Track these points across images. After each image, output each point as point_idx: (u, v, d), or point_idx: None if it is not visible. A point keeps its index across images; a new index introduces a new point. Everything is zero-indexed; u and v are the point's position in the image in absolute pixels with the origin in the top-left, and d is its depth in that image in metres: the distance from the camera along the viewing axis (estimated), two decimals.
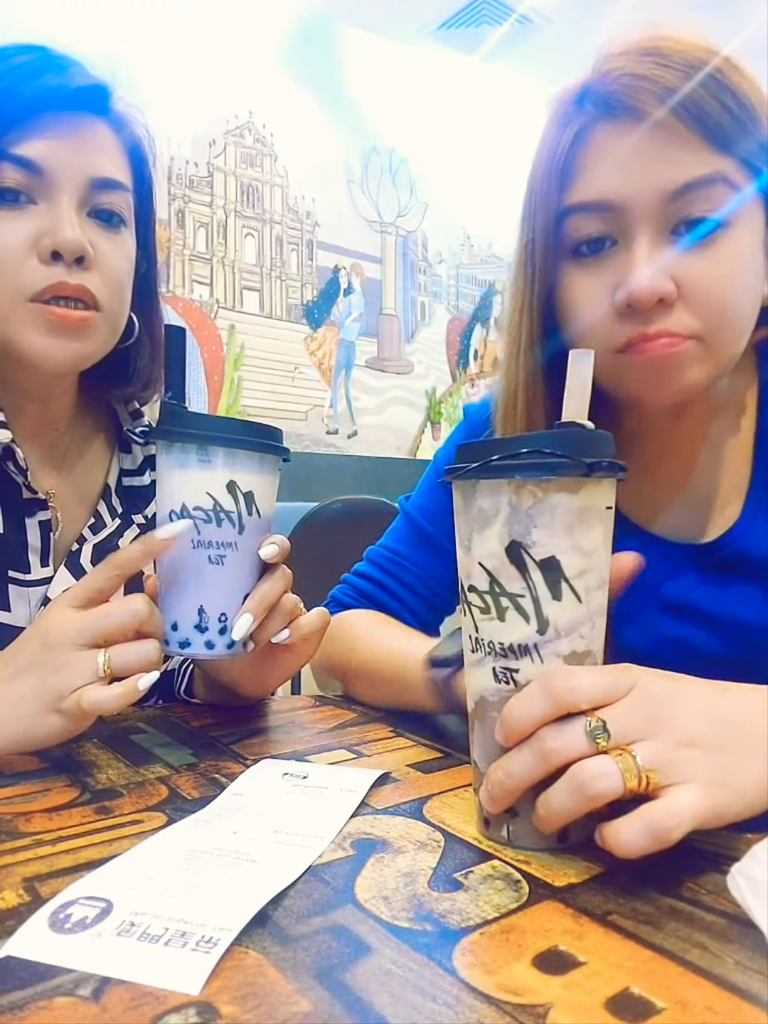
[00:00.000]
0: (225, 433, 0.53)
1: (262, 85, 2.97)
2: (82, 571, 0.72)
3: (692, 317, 0.53)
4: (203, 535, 0.53)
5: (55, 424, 0.74)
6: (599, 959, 0.29)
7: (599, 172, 0.55)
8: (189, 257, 2.78)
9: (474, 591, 0.41)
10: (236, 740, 0.60)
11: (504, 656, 0.40)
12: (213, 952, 0.29)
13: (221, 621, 0.54)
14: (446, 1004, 0.27)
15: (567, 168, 0.56)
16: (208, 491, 0.53)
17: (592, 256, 0.56)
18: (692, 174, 0.52)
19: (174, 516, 0.53)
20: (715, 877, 0.36)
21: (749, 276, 0.55)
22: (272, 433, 0.56)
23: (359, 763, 0.54)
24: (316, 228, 3.15)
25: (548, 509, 0.38)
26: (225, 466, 0.53)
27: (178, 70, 2.71)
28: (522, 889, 0.35)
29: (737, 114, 0.52)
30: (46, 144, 0.62)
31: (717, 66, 0.52)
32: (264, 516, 0.55)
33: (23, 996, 0.27)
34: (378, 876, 0.36)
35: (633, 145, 0.53)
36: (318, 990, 0.27)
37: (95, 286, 0.64)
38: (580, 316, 0.58)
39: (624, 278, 0.53)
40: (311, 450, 3.07)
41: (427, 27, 3.19)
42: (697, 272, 0.53)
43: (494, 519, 0.39)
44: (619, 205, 0.54)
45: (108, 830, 0.42)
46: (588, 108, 0.55)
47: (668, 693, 0.38)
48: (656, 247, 0.53)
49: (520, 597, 0.39)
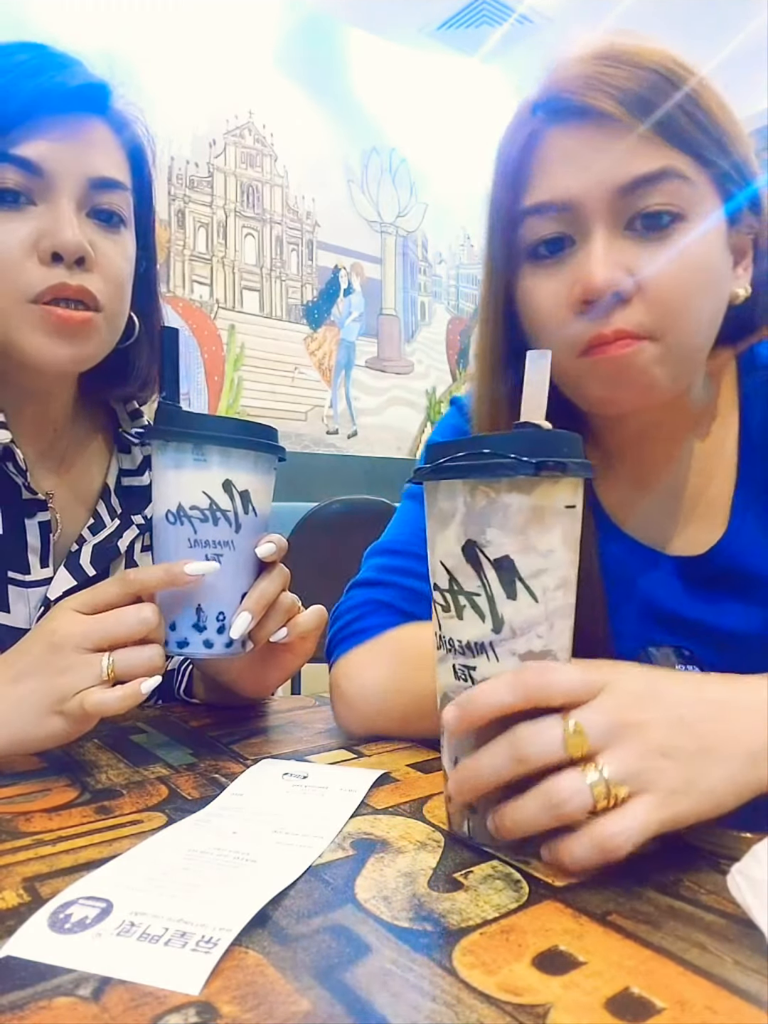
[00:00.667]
0: (220, 432, 0.53)
1: (262, 85, 2.97)
2: (82, 572, 0.72)
3: (648, 314, 0.53)
4: (199, 534, 0.53)
5: (54, 424, 0.74)
6: (599, 959, 0.29)
7: (551, 172, 0.55)
8: (189, 257, 2.78)
9: (437, 589, 0.42)
10: (236, 740, 0.60)
11: (463, 654, 0.40)
12: (213, 952, 0.29)
13: (219, 620, 0.54)
14: (446, 1004, 0.27)
15: (521, 172, 0.56)
16: (204, 490, 0.53)
17: (550, 257, 0.56)
18: (644, 168, 0.52)
19: (171, 516, 0.53)
20: (715, 877, 0.36)
21: (708, 273, 0.55)
22: (268, 432, 0.56)
23: (359, 763, 0.54)
24: (316, 228, 3.15)
25: (500, 509, 0.39)
26: (221, 465, 0.53)
27: (178, 70, 2.71)
28: (522, 889, 0.35)
29: (689, 110, 0.52)
30: (46, 145, 0.61)
31: (667, 65, 0.53)
32: (261, 515, 0.55)
33: (23, 996, 0.27)
34: (378, 876, 0.36)
35: (583, 143, 0.53)
36: (318, 990, 0.27)
37: (96, 287, 0.64)
38: (540, 319, 0.57)
39: (581, 272, 0.53)
40: (311, 450, 3.07)
41: (427, 27, 3.19)
42: (654, 267, 0.53)
43: (451, 519, 0.40)
44: (572, 203, 0.54)
45: (108, 830, 0.42)
46: (540, 113, 0.55)
47: (641, 696, 0.38)
48: (611, 243, 0.53)
49: (476, 596, 0.39)
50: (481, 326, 0.63)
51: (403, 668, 0.59)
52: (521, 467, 0.37)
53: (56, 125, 0.62)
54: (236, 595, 0.55)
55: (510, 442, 0.39)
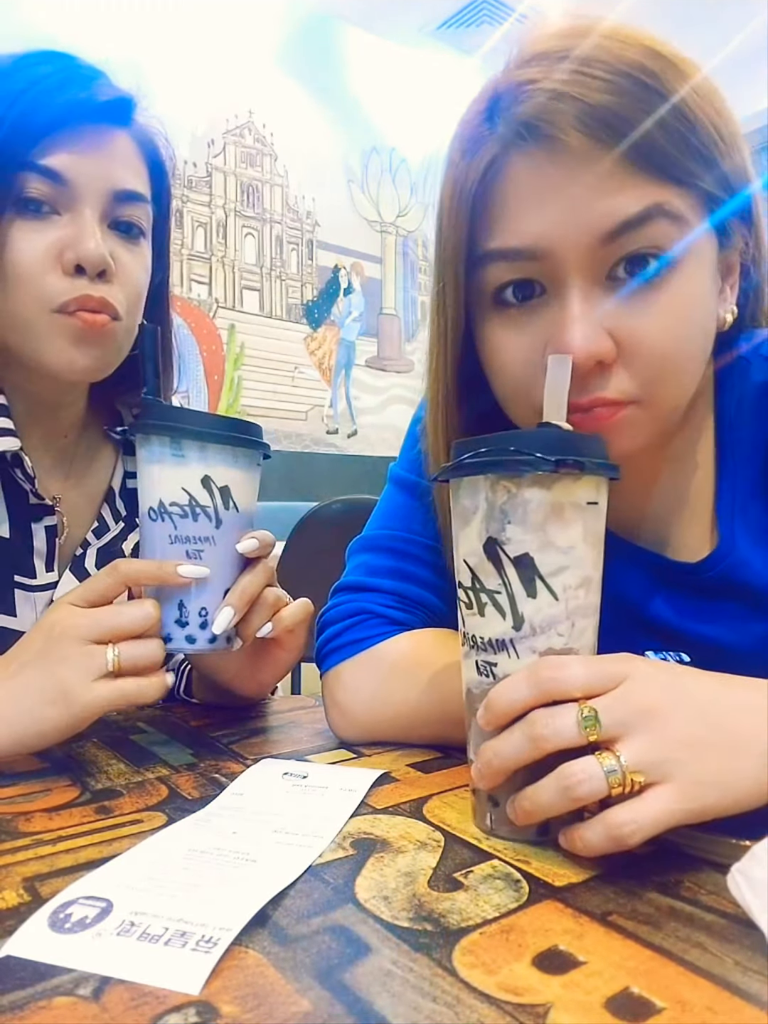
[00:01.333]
0: (198, 426, 0.53)
1: (262, 85, 2.97)
2: (87, 575, 0.72)
3: (631, 380, 0.47)
4: (180, 530, 0.53)
5: (65, 432, 0.75)
6: (599, 959, 0.29)
7: (520, 216, 0.47)
8: (187, 256, 2.78)
9: (461, 587, 0.43)
10: (236, 740, 0.60)
11: (484, 650, 0.41)
12: (213, 952, 0.29)
13: (202, 616, 0.54)
14: (446, 1004, 0.27)
15: (480, 208, 0.48)
16: (183, 486, 0.53)
17: (518, 306, 0.49)
18: (628, 211, 0.44)
19: (152, 512, 0.54)
20: (715, 877, 0.36)
21: (698, 317, 0.49)
22: (248, 427, 0.56)
23: (359, 763, 0.54)
24: (316, 228, 3.15)
25: (521, 505, 0.39)
26: (199, 460, 0.53)
27: (178, 70, 2.71)
28: (522, 889, 0.35)
29: (679, 132, 0.44)
30: (70, 156, 0.62)
31: (653, 72, 0.44)
32: (243, 511, 0.55)
33: (23, 996, 0.27)
34: (378, 876, 0.36)
35: (557, 183, 0.45)
36: (318, 990, 0.27)
37: (116, 298, 0.65)
38: (508, 377, 0.51)
39: (555, 337, 0.46)
40: (311, 450, 3.07)
41: (427, 27, 3.19)
42: (640, 325, 0.46)
43: (473, 516, 0.41)
44: (545, 253, 0.46)
45: (108, 830, 0.42)
46: (499, 130, 0.47)
47: (664, 687, 0.38)
48: (591, 298, 0.46)
49: (497, 593, 0.40)
50: (432, 364, 0.56)
51: (399, 682, 0.58)
52: (541, 463, 0.38)
53: (81, 137, 0.63)
54: (219, 591, 0.55)
55: (535, 440, 0.39)
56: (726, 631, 0.57)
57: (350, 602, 0.63)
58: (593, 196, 0.45)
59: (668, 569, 0.60)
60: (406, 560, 0.65)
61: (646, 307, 0.46)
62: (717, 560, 0.57)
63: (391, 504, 0.69)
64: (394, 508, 0.68)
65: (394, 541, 0.66)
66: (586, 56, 0.44)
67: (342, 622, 0.63)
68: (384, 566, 0.65)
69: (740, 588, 0.56)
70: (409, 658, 0.59)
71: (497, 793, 0.41)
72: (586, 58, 0.44)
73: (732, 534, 0.56)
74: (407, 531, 0.66)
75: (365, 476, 3.10)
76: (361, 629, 0.61)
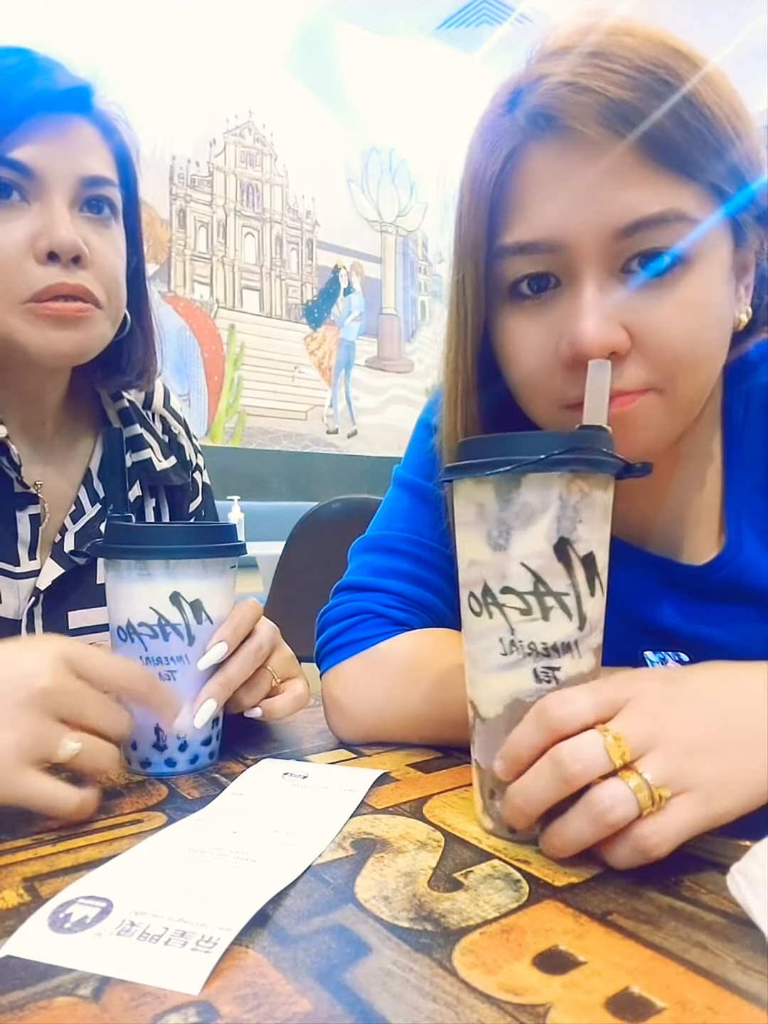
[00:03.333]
0: (162, 544, 0.51)
1: (262, 85, 2.97)
2: (68, 559, 0.72)
3: (646, 370, 0.48)
4: (150, 651, 0.51)
5: (45, 418, 0.75)
6: (599, 959, 0.29)
7: (537, 208, 0.47)
8: (190, 257, 2.77)
9: (510, 592, 0.39)
10: (236, 740, 0.60)
11: (547, 655, 0.39)
12: (213, 952, 0.29)
13: (179, 738, 0.52)
14: (446, 1004, 0.27)
15: (498, 200, 0.49)
16: (151, 605, 0.50)
17: (534, 297, 0.49)
18: (645, 210, 0.45)
19: (121, 633, 0.52)
20: (715, 877, 0.36)
21: (714, 314, 0.49)
22: (218, 533, 0.53)
23: (359, 763, 0.54)
24: (316, 228, 3.15)
25: (590, 505, 0.39)
26: (165, 576, 0.50)
27: (179, 70, 2.71)
28: (522, 889, 0.35)
29: (698, 130, 0.45)
30: (35, 147, 0.63)
31: (673, 69, 0.44)
32: (218, 621, 0.53)
33: (23, 996, 0.27)
34: (378, 876, 0.36)
35: (575, 174, 0.46)
36: (318, 990, 0.27)
37: (92, 284, 0.66)
38: (522, 367, 0.51)
39: (569, 327, 0.47)
40: (311, 450, 3.07)
41: (427, 27, 3.20)
42: (653, 319, 0.47)
43: (542, 515, 0.38)
44: (561, 245, 0.47)
45: (108, 830, 0.42)
46: (520, 122, 0.47)
47: (667, 700, 0.38)
48: (605, 289, 0.47)
49: (565, 595, 0.39)
50: (450, 355, 0.56)
51: (400, 683, 0.58)
52: (614, 465, 0.39)
53: (45, 127, 0.63)
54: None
55: (593, 441, 0.40)
56: (731, 634, 0.57)
57: (351, 601, 0.63)
58: (610, 188, 0.45)
59: (673, 572, 0.59)
60: (409, 561, 0.65)
61: (660, 302, 0.47)
62: (724, 562, 0.57)
63: (395, 506, 0.69)
64: (399, 510, 0.68)
65: (397, 542, 0.65)
66: (606, 51, 0.45)
67: (343, 621, 0.62)
68: (386, 566, 0.65)
69: (746, 590, 0.56)
70: (410, 658, 0.59)
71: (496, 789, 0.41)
72: (606, 53, 0.44)
73: (739, 536, 0.56)
74: (411, 532, 0.66)
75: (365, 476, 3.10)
76: (362, 629, 0.61)
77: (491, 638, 0.40)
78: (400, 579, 0.64)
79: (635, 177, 0.45)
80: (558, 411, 0.51)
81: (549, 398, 0.51)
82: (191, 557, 0.51)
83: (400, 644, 0.60)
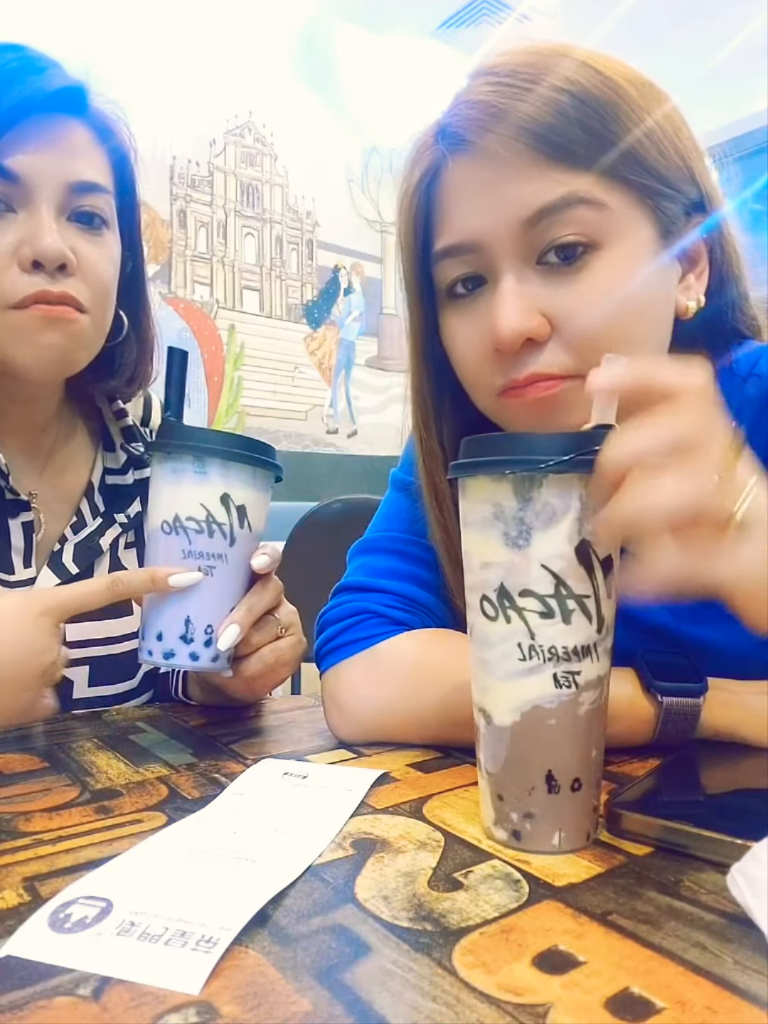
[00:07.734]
0: (222, 446, 0.54)
1: (262, 85, 2.97)
2: (65, 571, 0.72)
3: (568, 353, 0.50)
4: (194, 545, 0.53)
5: (39, 426, 0.75)
6: (599, 959, 0.29)
7: (456, 215, 0.53)
8: (191, 258, 2.78)
9: (530, 595, 0.38)
10: (236, 740, 0.60)
11: (567, 660, 0.39)
12: (213, 952, 0.29)
13: (207, 633, 0.54)
14: (446, 1004, 0.27)
15: (426, 212, 0.55)
16: (202, 502, 0.53)
17: (467, 296, 0.54)
18: (544, 199, 0.49)
19: (166, 526, 0.54)
20: (715, 877, 0.36)
21: (636, 297, 0.51)
22: (267, 449, 0.56)
23: (359, 763, 0.54)
24: (316, 228, 3.15)
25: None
26: (220, 478, 0.53)
27: (179, 70, 2.71)
28: (522, 889, 0.35)
29: (587, 123, 0.48)
30: (24, 152, 0.61)
31: (552, 68, 0.49)
32: (255, 530, 0.56)
33: (23, 996, 0.27)
34: (378, 876, 0.36)
35: (483, 182, 0.51)
36: (318, 990, 0.27)
37: (79, 292, 0.64)
38: (460, 360, 0.56)
39: (489, 321, 0.51)
40: (311, 450, 3.07)
41: (427, 26, 3.19)
42: (566, 303, 0.50)
43: (564, 516, 0.38)
44: (478, 244, 0.51)
45: (108, 830, 0.42)
46: (440, 142, 0.53)
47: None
48: (523, 281, 0.50)
49: (586, 598, 0.38)
50: (412, 368, 0.61)
51: (400, 683, 0.58)
52: None
53: (34, 130, 0.62)
54: (226, 608, 0.55)
55: (593, 440, 0.39)
56: (721, 633, 0.57)
57: (351, 602, 0.63)
58: (513, 188, 0.49)
59: None
60: (408, 561, 0.65)
61: (571, 287, 0.50)
62: None
63: (393, 508, 0.69)
64: (396, 511, 0.69)
65: (396, 543, 0.66)
66: (512, 70, 0.50)
67: (342, 621, 0.62)
68: (386, 567, 0.65)
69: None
70: (410, 658, 0.59)
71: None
72: (512, 71, 0.49)
73: None
74: (409, 533, 0.66)
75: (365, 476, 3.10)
76: (361, 628, 0.61)
77: (509, 643, 0.39)
78: (399, 579, 0.64)
79: (532, 173, 0.49)
80: (495, 400, 0.54)
81: (486, 388, 0.54)
82: (247, 463, 0.54)
83: (400, 644, 0.60)
